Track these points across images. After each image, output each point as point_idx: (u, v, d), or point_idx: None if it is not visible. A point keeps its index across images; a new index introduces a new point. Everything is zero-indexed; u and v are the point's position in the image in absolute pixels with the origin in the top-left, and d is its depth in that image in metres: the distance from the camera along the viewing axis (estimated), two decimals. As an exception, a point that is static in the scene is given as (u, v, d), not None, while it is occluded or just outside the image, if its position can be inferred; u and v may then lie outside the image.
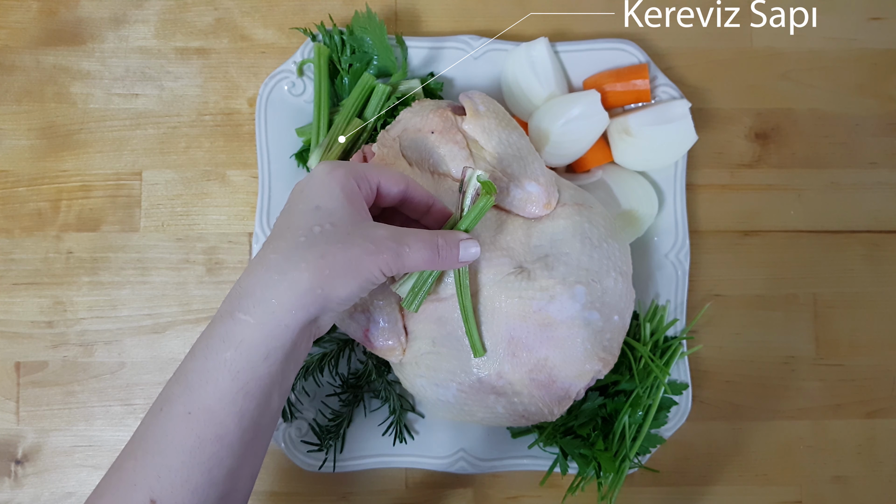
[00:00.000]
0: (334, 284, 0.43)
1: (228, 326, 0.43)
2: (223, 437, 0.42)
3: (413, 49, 0.72)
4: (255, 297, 0.43)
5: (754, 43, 0.77)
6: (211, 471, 0.42)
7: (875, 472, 0.73)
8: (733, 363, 0.73)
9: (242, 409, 0.42)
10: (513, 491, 0.71)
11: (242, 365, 0.42)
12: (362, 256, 0.44)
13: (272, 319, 0.42)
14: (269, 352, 0.43)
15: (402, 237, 0.46)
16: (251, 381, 0.42)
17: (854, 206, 0.75)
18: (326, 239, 0.44)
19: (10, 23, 0.75)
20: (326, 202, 0.45)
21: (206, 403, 0.42)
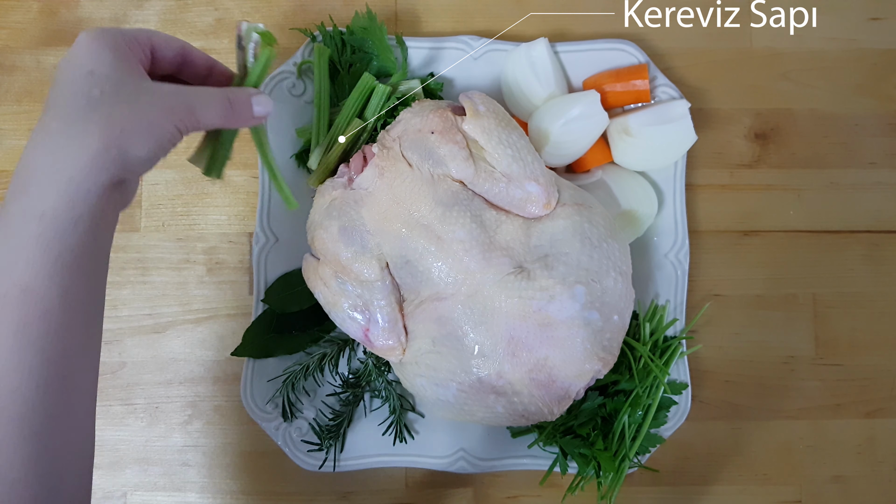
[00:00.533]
0: (130, 144, 0.42)
1: (25, 201, 0.40)
2: (49, 312, 0.40)
3: (413, 49, 0.72)
4: (47, 167, 0.40)
5: (754, 43, 0.77)
6: (44, 350, 0.40)
7: (875, 471, 0.73)
8: (733, 363, 0.73)
9: (65, 284, 0.40)
10: (513, 490, 0.72)
11: (51, 235, 0.40)
12: (153, 113, 0.43)
13: (70, 186, 0.40)
14: (75, 219, 0.40)
15: (191, 94, 0.46)
16: (65, 251, 0.40)
17: (854, 206, 0.75)
18: (110, 100, 0.42)
19: (11, 23, 0.75)
20: (99, 67, 0.42)
21: (21, 281, 0.39)
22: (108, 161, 0.41)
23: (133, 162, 0.42)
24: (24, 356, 0.39)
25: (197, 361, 0.72)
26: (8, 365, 0.39)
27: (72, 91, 0.42)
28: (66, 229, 0.40)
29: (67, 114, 0.41)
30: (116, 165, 0.41)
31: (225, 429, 0.72)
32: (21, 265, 0.39)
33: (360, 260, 0.59)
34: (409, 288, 0.60)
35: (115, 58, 0.43)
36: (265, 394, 0.69)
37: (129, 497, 0.71)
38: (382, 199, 0.59)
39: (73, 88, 0.42)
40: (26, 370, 0.39)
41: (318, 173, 0.68)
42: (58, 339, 0.40)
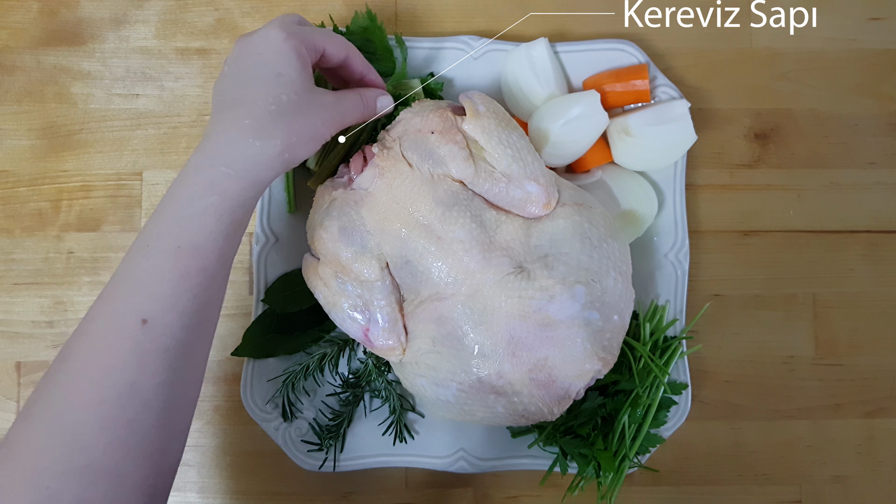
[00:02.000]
0: (297, 150, 0.51)
1: (212, 177, 0.49)
2: (206, 269, 0.48)
3: (413, 49, 0.72)
4: (235, 155, 0.49)
5: (754, 43, 0.77)
6: (197, 297, 0.48)
7: (875, 471, 0.73)
8: (733, 363, 0.73)
9: (222, 248, 0.49)
10: (513, 490, 0.72)
11: (225, 210, 0.49)
12: (319, 124, 0.52)
13: (249, 175, 0.49)
14: (244, 201, 0.50)
15: (344, 102, 0.55)
16: (230, 224, 0.49)
17: (853, 206, 0.75)
18: (293, 109, 0.50)
19: (11, 23, 0.75)
20: (287, 70, 0.51)
21: (193, 240, 0.48)
22: (279, 163, 0.50)
23: (293, 164, 0.52)
24: (179, 299, 0.47)
25: (197, 361, 0.72)
26: (167, 304, 0.47)
27: (263, 91, 0.50)
28: (235, 209, 0.50)
29: (260, 115, 0.49)
30: (283, 167, 0.51)
31: (225, 429, 0.72)
32: (196, 227, 0.48)
33: (360, 260, 0.59)
34: (409, 288, 0.60)
35: (300, 64, 0.52)
36: (265, 394, 0.69)
37: (129, 497, 0.71)
38: (382, 199, 0.59)
39: (264, 89, 0.50)
40: (178, 312, 0.47)
41: (320, 175, 0.68)
42: (205, 291, 0.49)
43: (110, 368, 0.45)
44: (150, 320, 0.46)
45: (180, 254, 0.48)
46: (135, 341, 0.46)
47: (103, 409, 0.44)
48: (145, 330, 0.46)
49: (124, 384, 0.45)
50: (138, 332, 0.46)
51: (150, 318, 0.46)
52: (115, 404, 0.45)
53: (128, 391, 0.45)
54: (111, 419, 0.44)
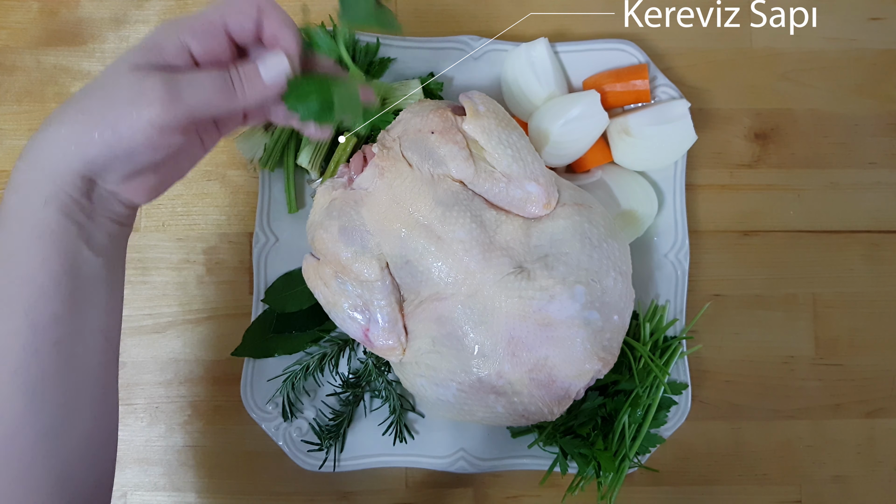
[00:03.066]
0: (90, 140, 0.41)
1: (13, 175, 0.43)
2: (29, 279, 0.41)
3: (413, 49, 0.72)
4: (30, 144, 0.43)
5: (754, 43, 0.77)
6: (28, 313, 0.41)
7: (874, 471, 0.73)
8: (733, 363, 0.73)
9: (43, 254, 0.42)
10: (513, 490, 0.72)
11: (24, 208, 0.42)
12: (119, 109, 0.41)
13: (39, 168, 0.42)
14: (45, 198, 0.42)
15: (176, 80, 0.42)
16: (37, 225, 0.42)
17: (853, 206, 0.75)
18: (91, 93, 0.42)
19: (11, 23, 0.75)
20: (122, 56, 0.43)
21: (3, 248, 0.42)
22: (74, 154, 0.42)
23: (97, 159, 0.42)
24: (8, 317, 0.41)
25: (197, 361, 0.72)
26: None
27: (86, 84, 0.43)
28: (36, 206, 0.42)
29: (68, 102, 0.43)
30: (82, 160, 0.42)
31: (225, 429, 0.72)
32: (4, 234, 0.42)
33: (360, 260, 0.59)
34: (409, 288, 0.60)
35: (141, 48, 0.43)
36: (265, 394, 0.69)
37: (129, 497, 0.71)
38: (382, 199, 0.59)
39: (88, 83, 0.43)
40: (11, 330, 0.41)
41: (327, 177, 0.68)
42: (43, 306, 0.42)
43: None
44: None
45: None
46: None
47: None
48: None
49: None
50: None
51: None
52: None
53: None
54: None
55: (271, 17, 0.45)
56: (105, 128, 0.41)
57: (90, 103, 0.42)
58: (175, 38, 0.43)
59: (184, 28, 0.43)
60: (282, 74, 0.45)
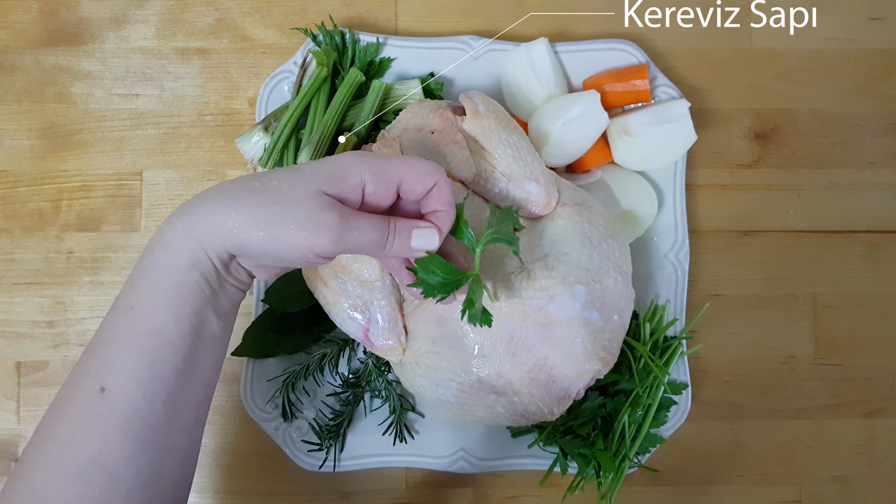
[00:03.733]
0: (253, 235, 0.44)
1: (163, 230, 0.45)
2: (161, 332, 0.44)
3: (413, 49, 0.72)
4: (190, 211, 0.45)
5: (754, 43, 0.77)
6: (154, 364, 0.44)
7: (875, 471, 0.73)
8: (733, 363, 0.73)
9: (178, 312, 0.45)
10: (513, 490, 0.72)
11: (170, 266, 0.44)
12: (290, 229, 0.44)
13: (194, 234, 0.44)
14: (192, 263, 0.45)
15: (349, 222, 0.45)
16: (179, 284, 0.45)
17: (853, 206, 0.75)
18: (273, 195, 0.44)
19: (11, 23, 0.75)
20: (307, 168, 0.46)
21: (143, 298, 0.44)
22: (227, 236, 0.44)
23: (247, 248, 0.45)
24: (134, 364, 0.44)
25: (197, 361, 0.72)
26: (121, 370, 0.44)
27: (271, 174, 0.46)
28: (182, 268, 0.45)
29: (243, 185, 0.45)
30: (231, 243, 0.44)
31: (225, 429, 0.72)
32: (146, 284, 0.45)
33: (360, 260, 0.59)
34: (409, 288, 0.60)
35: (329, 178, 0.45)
36: (265, 394, 0.69)
37: (129, 497, 0.71)
38: (382, 199, 0.59)
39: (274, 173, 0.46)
40: (135, 379, 0.43)
41: None
42: (167, 359, 0.44)
43: (71, 440, 0.43)
44: (107, 388, 0.43)
45: (132, 314, 0.44)
46: (93, 411, 0.43)
47: (66, 484, 0.42)
48: (104, 399, 0.43)
49: (87, 457, 0.42)
50: (97, 402, 0.43)
51: (107, 385, 0.43)
52: (77, 479, 0.42)
53: (90, 465, 0.42)
54: (75, 495, 0.42)
55: (441, 192, 0.48)
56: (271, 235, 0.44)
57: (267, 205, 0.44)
58: (359, 175, 0.46)
59: (367, 167, 0.46)
60: (429, 248, 0.48)
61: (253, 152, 0.69)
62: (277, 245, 0.44)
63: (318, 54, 0.68)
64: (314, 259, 0.45)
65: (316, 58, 0.68)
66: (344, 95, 0.68)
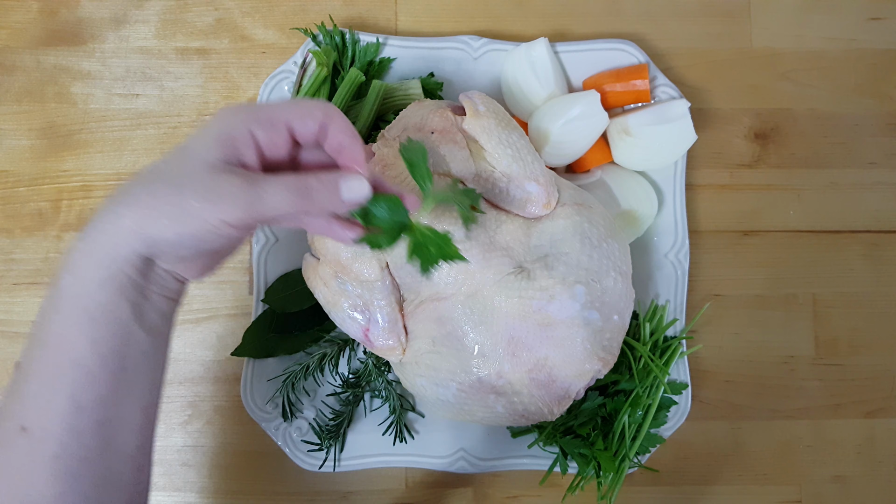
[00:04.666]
0: (159, 226, 0.41)
1: (68, 255, 0.42)
2: (79, 362, 0.41)
3: (413, 49, 0.72)
4: (89, 226, 0.42)
5: (754, 43, 0.77)
6: (74, 396, 0.41)
7: (874, 471, 0.73)
8: (733, 363, 0.73)
9: (94, 337, 0.42)
10: (513, 490, 0.72)
11: (78, 290, 0.41)
12: (193, 203, 0.41)
13: (99, 248, 0.42)
14: (102, 281, 0.42)
15: (257, 184, 0.42)
16: (91, 306, 0.41)
17: (853, 205, 0.75)
18: (166, 178, 0.42)
19: (11, 23, 0.75)
20: (193, 142, 0.43)
21: (54, 330, 0.41)
22: (133, 237, 0.41)
23: (160, 242, 0.42)
24: (53, 398, 0.41)
25: (197, 361, 0.72)
26: (41, 407, 0.41)
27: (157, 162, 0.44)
28: (92, 288, 0.41)
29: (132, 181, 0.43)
30: (140, 243, 0.42)
31: (225, 429, 0.72)
32: (56, 315, 0.42)
33: (360, 260, 0.59)
34: (408, 288, 0.60)
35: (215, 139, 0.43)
36: (265, 394, 0.69)
37: (129, 497, 0.71)
38: (382, 199, 0.59)
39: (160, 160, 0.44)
40: (57, 414, 0.41)
41: None
42: (89, 388, 0.41)
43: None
44: (28, 427, 0.41)
45: (46, 348, 0.42)
46: (17, 453, 0.41)
47: None
48: (27, 439, 0.41)
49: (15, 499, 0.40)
50: (20, 442, 0.41)
51: (28, 425, 0.41)
52: None
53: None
54: None
55: (337, 122, 0.45)
56: (177, 220, 0.41)
57: (162, 191, 0.42)
58: (244, 128, 0.43)
59: (249, 117, 0.43)
60: (361, 199, 0.45)
61: None
62: (188, 228, 0.41)
63: (318, 54, 0.68)
64: (232, 232, 0.42)
65: (316, 58, 0.68)
66: (344, 95, 0.68)
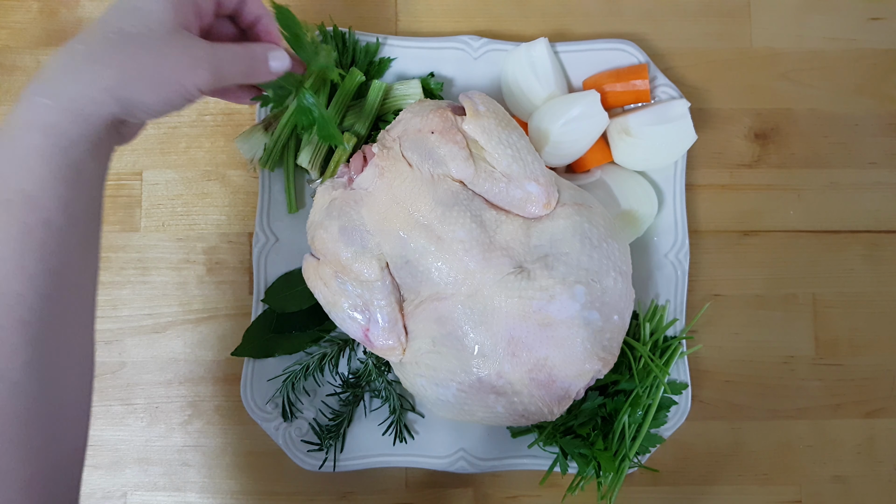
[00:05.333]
0: (139, 89, 0.43)
1: (31, 112, 0.41)
2: (49, 223, 0.41)
3: (413, 49, 0.72)
4: (57, 84, 0.41)
5: (754, 43, 0.77)
6: (45, 258, 0.40)
7: (874, 471, 0.73)
8: (733, 363, 0.73)
9: (65, 198, 0.41)
10: (513, 490, 0.72)
11: (52, 150, 0.41)
12: (176, 68, 0.44)
13: (74, 107, 0.41)
14: (74, 139, 0.41)
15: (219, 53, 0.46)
16: (64, 166, 0.41)
17: (853, 205, 0.75)
18: (138, 41, 0.43)
19: (11, 23, 0.75)
20: (148, 4, 0.44)
21: (24, 188, 0.40)
22: (113, 98, 0.42)
23: (138, 106, 0.43)
24: (25, 262, 0.40)
25: (197, 361, 0.72)
26: (11, 269, 0.40)
27: (111, 21, 0.44)
28: (67, 146, 0.41)
29: (96, 41, 0.43)
30: (120, 105, 0.43)
31: (225, 429, 0.72)
32: (24, 173, 0.40)
33: (360, 260, 0.59)
34: (409, 288, 0.60)
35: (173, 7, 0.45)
36: (265, 394, 0.69)
37: (129, 497, 0.71)
38: (382, 198, 0.59)
39: (113, 18, 0.44)
40: (27, 276, 0.40)
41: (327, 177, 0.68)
42: (58, 249, 0.41)
43: None
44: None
45: (11, 207, 0.40)
46: None
47: None
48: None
49: None
50: None
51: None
52: None
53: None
54: None
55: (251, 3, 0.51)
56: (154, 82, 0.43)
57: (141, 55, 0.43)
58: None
59: None
60: (284, 68, 0.52)
61: (253, 152, 0.69)
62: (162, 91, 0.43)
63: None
64: (196, 95, 0.45)
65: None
66: (344, 95, 0.68)
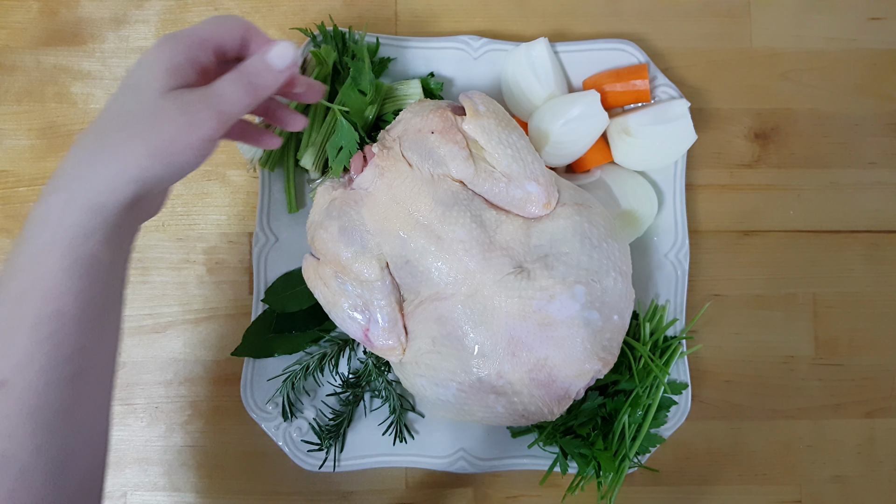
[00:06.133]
0: (149, 165, 0.42)
1: (46, 209, 0.42)
2: (62, 314, 0.42)
3: (413, 49, 0.72)
4: (69, 178, 0.42)
5: (754, 43, 0.77)
6: (57, 347, 0.41)
7: (874, 471, 0.73)
8: (733, 363, 0.73)
9: (79, 288, 0.42)
10: (513, 490, 0.72)
11: (68, 245, 0.42)
12: (177, 132, 0.43)
13: (87, 199, 0.42)
14: (89, 232, 0.42)
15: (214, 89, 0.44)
16: (78, 260, 0.42)
17: (853, 205, 0.75)
18: (139, 118, 0.43)
19: (11, 23, 0.75)
20: (140, 78, 0.44)
21: (36, 283, 0.41)
22: (125, 182, 0.42)
23: (151, 181, 0.43)
24: (35, 352, 0.41)
25: (197, 361, 0.72)
26: (23, 360, 0.41)
27: (114, 105, 0.44)
28: (82, 240, 0.42)
29: (102, 129, 0.43)
30: (136, 185, 0.42)
31: (225, 429, 0.72)
32: (38, 270, 0.41)
33: (360, 260, 0.59)
34: (409, 288, 0.60)
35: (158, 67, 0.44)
36: (265, 394, 0.69)
37: (129, 497, 0.71)
38: (382, 199, 0.59)
39: (116, 102, 0.44)
40: (39, 367, 0.41)
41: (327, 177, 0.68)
42: (70, 338, 0.42)
43: None
44: (7, 381, 0.40)
45: (25, 298, 0.41)
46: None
47: None
48: (6, 393, 0.40)
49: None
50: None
51: (9, 378, 0.41)
52: None
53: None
54: None
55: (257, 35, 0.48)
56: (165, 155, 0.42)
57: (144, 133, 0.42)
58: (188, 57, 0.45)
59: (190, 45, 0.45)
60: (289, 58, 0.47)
61: (253, 152, 0.69)
62: (171, 158, 0.43)
63: (318, 54, 0.68)
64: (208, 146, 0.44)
65: (316, 58, 0.68)
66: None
